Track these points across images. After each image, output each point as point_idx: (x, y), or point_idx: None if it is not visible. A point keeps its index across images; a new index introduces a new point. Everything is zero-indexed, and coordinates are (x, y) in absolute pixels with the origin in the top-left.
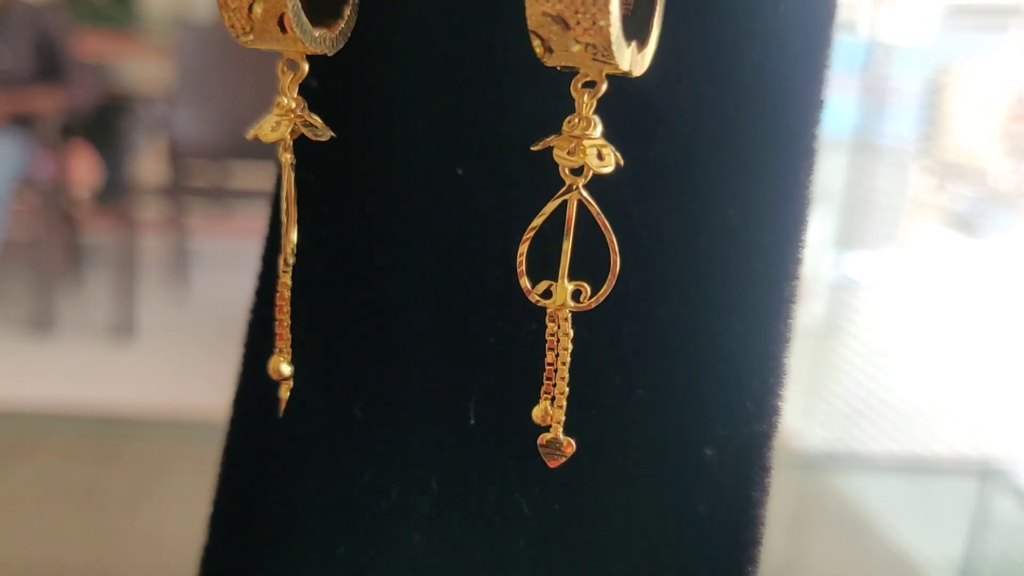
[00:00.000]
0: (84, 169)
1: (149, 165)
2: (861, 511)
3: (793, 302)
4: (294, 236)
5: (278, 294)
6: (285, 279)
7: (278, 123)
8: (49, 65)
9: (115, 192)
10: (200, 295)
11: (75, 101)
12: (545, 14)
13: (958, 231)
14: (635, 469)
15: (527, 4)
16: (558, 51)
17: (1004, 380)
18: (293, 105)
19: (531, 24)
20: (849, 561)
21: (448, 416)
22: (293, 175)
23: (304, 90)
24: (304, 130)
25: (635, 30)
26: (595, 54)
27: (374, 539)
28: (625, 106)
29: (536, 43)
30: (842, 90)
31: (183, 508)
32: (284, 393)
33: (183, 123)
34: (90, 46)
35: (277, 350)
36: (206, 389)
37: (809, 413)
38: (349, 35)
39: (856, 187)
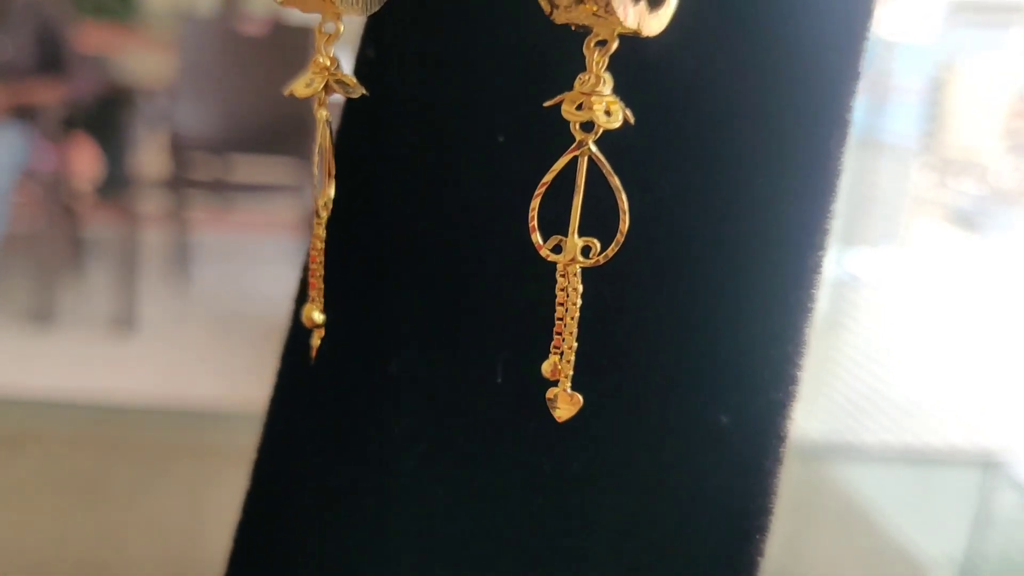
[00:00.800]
0: (85, 161)
1: (150, 158)
2: (862, 504)
3: (817, 272)
4: (331, 191)
5: (311, 245)
6: (319, 231)
7: (312, 80)
8: (51, 57)
9: (116, 185)
10: (201, 289)
11: (77, 93)
12: None
13: (960, 228)
14: (652, 433)
15: None
16: (563, 7)
17: (1005, 375)
18: (328, 63)
19: None
20: (850, 554)
21: (476, 374)
22: (328, 131)
23: (361, 60)
24: (336, 87)
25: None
26: (596, 9)
27: (400, 492)
28: (653, 74)
29: (543, 1)
30: None
31: (184, 497)
32: (315, 341)
33: (184, 116)
34: (92, 38)
35: (310, 299)
36: (206, 382)
37: (811, 408)
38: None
39: (858, 184)
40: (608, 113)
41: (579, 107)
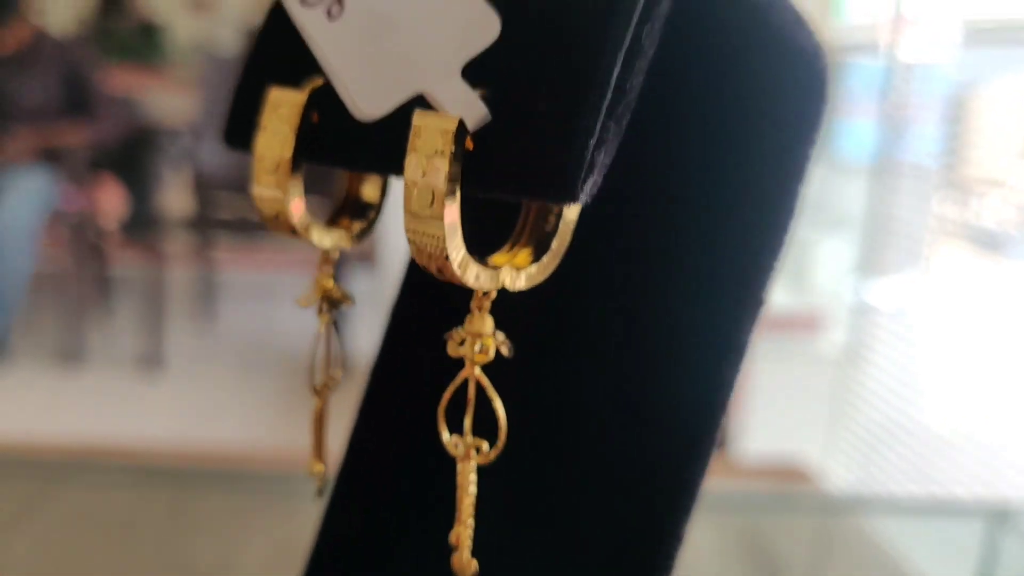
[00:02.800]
0: (111, 201)
1: (175, 197)
2: (882, 549)
3: (735, 359)
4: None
5: (314, 413)
6: (318, 404)
7: (310, 297)
8: (77, 99)
9: (142, 224)
10: (227, 326)
11: (103, 135)
12: (412, 244)
13: (982, 252)
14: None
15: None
16: (430, 271)
17: None
18: (327, 285)
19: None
20: None
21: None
22: (332, 332)
23: None
24: (324, 305)
25: (537, 243)
26: (450, 276)
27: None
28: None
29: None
30: (863, 115)
31: (216, 542)
32: (318, 484)
33: (208, 155)
34: (117, 80)
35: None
36: (233, 421)
37: (831, 442)
38: (371, 232)
39: (878, 211)
40: (489, 350)
41: (461, 343)
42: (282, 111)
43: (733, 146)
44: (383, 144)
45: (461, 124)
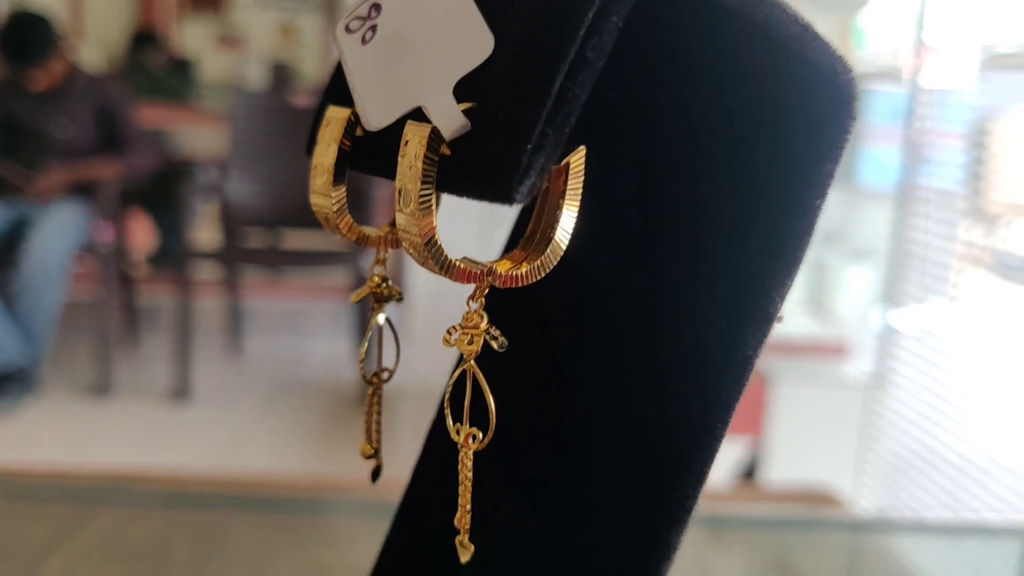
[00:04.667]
0: (142, 234)
1: (204, 229)
2: (911, 572)
3: (695, 496)
4: (384, 363)
5: (367, 400)
6: (371, 391)
7: (360, 292)
8: (109, 134)
9: (171, 256)
10: (254, 356)
11: (134, 169)
12: (404, 241)
13: (1007, 279)
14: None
15: None
16: (421, 264)
17: None
18: (376, 281)
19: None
20: None
21: None
22: (388, 326)
23: None
24: (373, 301)
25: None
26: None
27: None
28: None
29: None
30: (886, 141)
31: (245, 567)
32: (371, 468)
33: (235, 189)
34: (148, 115)
35: (364, 437)
36: (261, 451)
37: (860, 466)
38: None
39: (902, 238)
40: (481, 342)
41: (468, 341)
42: (331, 126)
43: (755, 161)
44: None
45: (434, 131)
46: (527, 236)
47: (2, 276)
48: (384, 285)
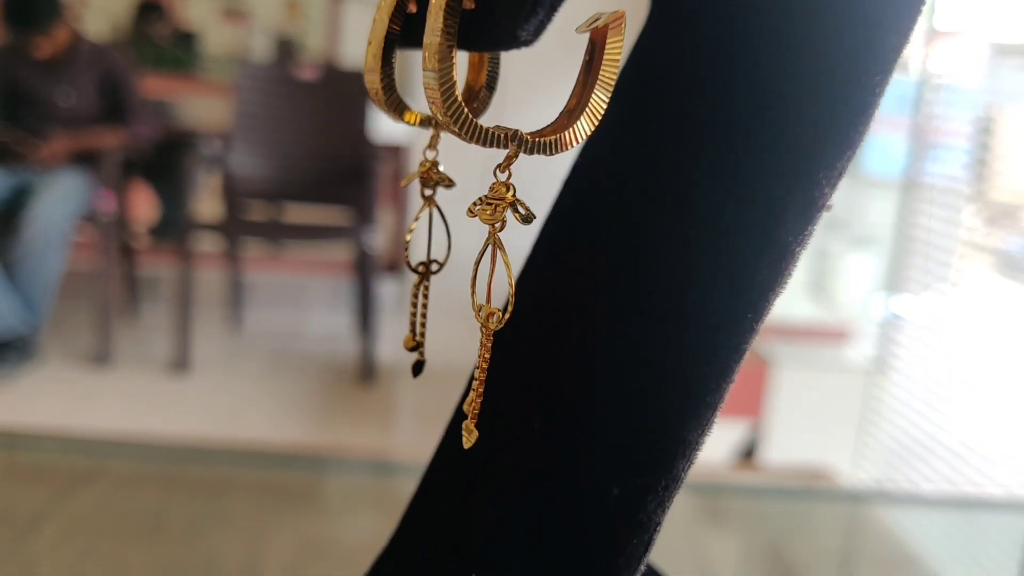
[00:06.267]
0: (144, 205)
1: (206, 200)
2: (911, 549)
3: (720, 390)
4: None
5: (412, 292)
6: (417, 281)
7: (412, 176)
8: (113, 103)
9: (173, 227)
10: (254, 329)
11: (137, 139)
12: (427, 99)
13: (1008, 272)
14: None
15: None
16: (436, 119)
17: None
18: (428, 164)
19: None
20: None
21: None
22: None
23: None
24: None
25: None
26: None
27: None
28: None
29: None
30: (892, 130)
31: (244, 534)
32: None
33: (239, 161)
34: (152, 85)
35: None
36: (260, 423)
37: (859, 450)
38: (483, 112)
39: (906, 227)
40: (511, 211)
41: (488, 209)
42: (384, 3)
43: (816, 31)
44: (465, 23)
45: None
46: (568, 109)
47: (3, 244)
48: (434, 170)
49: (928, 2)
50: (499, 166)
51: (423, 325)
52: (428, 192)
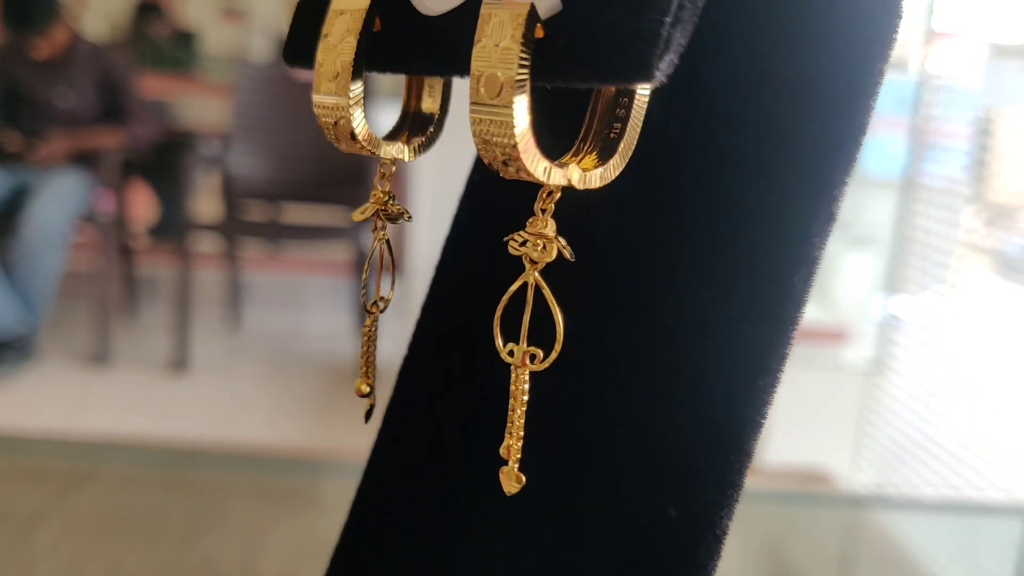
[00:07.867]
0: (143, 204)
1: (205, 200)
2: (908, 551)
3: (768, 394)
4: (381, 291)
5: (364, 332)
6: (369, 322)
7: (366, 208)
8: (112, 103)
9: (172, 227)
10: (252, 329)
11: (136, 139)
12: (478, 136)
13: (1007, 273)
14: (603, 513)
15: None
16: (496, 167)
17: None
18: (382, 197)
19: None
20: None
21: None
22: (386, 247)
23: (469, 183)
24: (381, 217)
25: (603, 149)
26: (516, 170)
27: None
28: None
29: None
30: (891, 130)
31: (242, 536)
32: (367, 407)
33: (237, 162)
34: (152, 85)
35: (360, 374)
36: (258, 423)
37: (857, 451)
38: (430, 147)
39: (904, 228)
40: (544, 249)
41: (523, 244)
42: (345, 17)
43: (814, 65)
44: (447, 45)
45: (532, 9)
46: (592, 132)
47: (2, 243)
48: (391, 202)
49: (928, 2)
50: (541, 204)
51: (373, 367)
52: (380, 225)
